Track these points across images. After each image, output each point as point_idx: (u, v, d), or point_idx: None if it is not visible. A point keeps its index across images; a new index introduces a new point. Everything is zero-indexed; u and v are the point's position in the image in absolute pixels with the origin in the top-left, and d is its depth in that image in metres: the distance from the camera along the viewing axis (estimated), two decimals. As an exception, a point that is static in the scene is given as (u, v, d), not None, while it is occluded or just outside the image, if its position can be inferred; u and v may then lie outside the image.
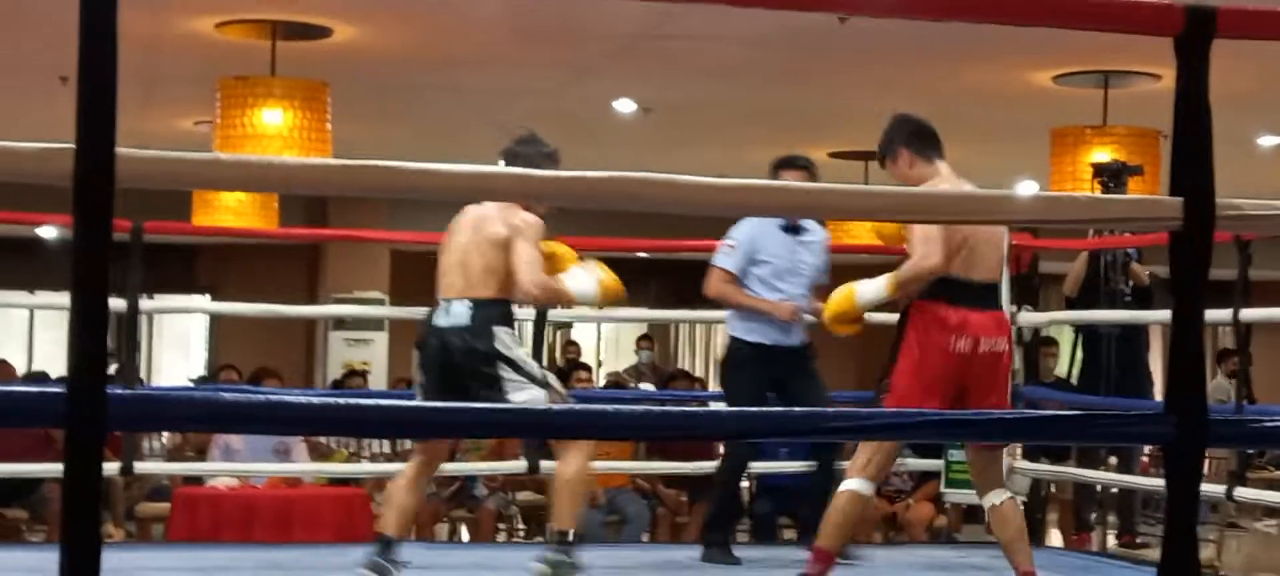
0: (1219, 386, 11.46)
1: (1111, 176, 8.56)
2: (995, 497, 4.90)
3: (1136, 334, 8.62)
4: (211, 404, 2.44)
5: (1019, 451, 7.11)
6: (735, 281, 6.20)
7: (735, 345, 6.28)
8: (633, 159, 8.22)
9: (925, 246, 4.72)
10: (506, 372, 4.91)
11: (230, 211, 10.12)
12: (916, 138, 4.94)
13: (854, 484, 4.80)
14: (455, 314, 5.00)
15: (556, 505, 5.15)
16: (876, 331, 5.16)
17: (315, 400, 2.37)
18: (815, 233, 6.33)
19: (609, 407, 4.31)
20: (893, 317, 4.95)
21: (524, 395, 4.89)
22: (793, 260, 6.21)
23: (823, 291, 6.33)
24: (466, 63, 9.55)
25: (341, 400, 2.83)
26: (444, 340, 5.00)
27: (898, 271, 4.83)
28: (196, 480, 8.67)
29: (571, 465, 5.06)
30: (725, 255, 6.24)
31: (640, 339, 14.66)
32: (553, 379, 5.16)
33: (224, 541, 7.39)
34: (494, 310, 5.00)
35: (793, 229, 6.22)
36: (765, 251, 6.18)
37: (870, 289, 4.90)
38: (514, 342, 5.03)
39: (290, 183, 2.64)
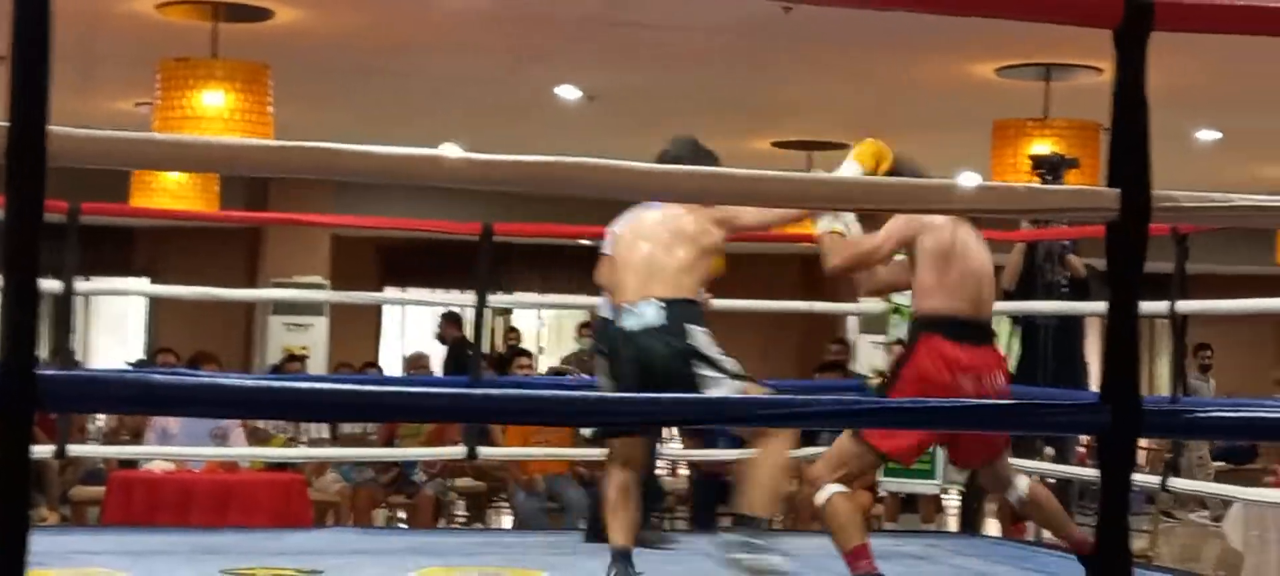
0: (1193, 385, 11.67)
1: (1049, 169, 8.63)
2: (1021, 489, 4.93)
3: (1073, 325, 8.67)
4: (145, 385, 2.41)
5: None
6: None
7: None
8: (576, 146, 8.18)
9: (882, 243, 4.74)
10: (703, 370, 4.74)
11: (169, 193, 10.04)
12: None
13: (828, 490, 4.66)
14: (645, 315, 4.83)
15: (750, 490, 4.81)
16: (819, 321, 5.16)
17: (248, 382, 2.35)
18: None
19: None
20: (836, 306, 4.95)
21: (722, 391, 4.68)
22: None
23: None
24: (410, 47, 9.50)
25: (276, 382, 2.80)
26: (638, 344, 4.81)
27: (851, 246, 4.81)
28: (132, 463, 8.60)
29: (773, 453, 4.80)
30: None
31: (581, 326, 14.61)
32: (749, 374, 4.93)
33: (160, 525, 7.34)
34: (686, 309, 4.85)
35: None
36: None
37: (826, 221, 4.87)
38: (709, 341, 4.83)
39: (233, 164, 2.60)
